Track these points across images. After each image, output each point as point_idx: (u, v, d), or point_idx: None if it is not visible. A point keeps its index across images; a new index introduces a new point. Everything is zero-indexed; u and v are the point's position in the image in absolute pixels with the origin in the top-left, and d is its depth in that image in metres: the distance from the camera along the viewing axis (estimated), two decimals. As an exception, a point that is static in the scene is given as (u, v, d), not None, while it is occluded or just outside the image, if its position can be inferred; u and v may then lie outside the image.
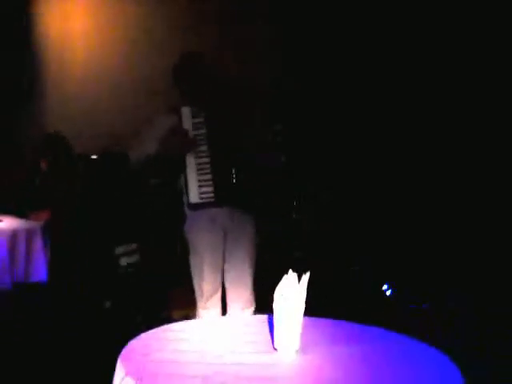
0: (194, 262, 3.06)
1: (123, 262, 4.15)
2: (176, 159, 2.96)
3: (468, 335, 3.20)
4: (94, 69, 5.73)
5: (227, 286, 3.09)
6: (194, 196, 2.89)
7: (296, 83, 4.00)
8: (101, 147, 5.14)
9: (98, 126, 5.42)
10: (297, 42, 4.40)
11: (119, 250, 4.16)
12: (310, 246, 4.04)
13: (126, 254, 4.21)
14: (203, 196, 2.89)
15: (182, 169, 2.94)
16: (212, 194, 2.89)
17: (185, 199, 3.02)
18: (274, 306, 1.67)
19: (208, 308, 3.04)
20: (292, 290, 1.64)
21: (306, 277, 1.66)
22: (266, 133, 3.20)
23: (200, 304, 3.06)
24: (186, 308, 3.20)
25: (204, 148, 2.91)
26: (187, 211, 3.06)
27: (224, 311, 3.12)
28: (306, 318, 1.67)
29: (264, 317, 1.97)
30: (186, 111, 2.92)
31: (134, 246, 4.29)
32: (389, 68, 4.02)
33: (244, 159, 2.94)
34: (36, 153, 3.99)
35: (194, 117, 2.92)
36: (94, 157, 5.08)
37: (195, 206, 2.93)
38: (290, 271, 1.67)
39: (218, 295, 3.06)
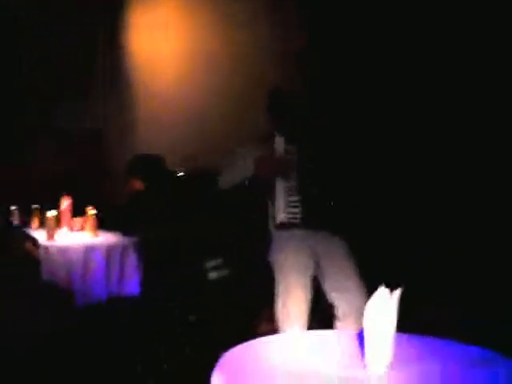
0: (279, 285, 3.03)
1: (212, 276, 4.23)
2: (267, 182, 3.04)
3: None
4: (183, 95, 5.87)
5: (335, 300, 3.02)
6: (281, 216, 2.96)
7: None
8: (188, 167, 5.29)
9: (186, 150, 5.57)
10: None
11: (208, 264, 4.25)
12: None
13: (215, 268, 4.29)
14: (290, 216, 2.95)
15: (271, 192, 3.02)
16: (299, 215, 2.95)
17: (271, 222, 3.09)
18: (365, 321, 1.68)
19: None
20: (384, 306, 1.65)
21: (397, 292, 1.67)
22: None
23: (282, 325, 3.00)
24: (274, 322, 3.22)
25: (293, 172, 2.99)
26: (274, 233, 3.11)
27: None
28: (399, 334, 1.68)
29: (353, 333, 1.98)
30: (279, 140, 3.00)
31: (221, 260, 4.37)
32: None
33: (332, 184, 3.00)
34: (129, 172, 4.14)
35: (287, 144, 2.99)
36: (181, 174, 5.24)
37: (282, 226, 2.98)
38: (382, 286, 1.68)
39: (302, 322, 2.99)
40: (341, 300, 3.00)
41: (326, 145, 3.09)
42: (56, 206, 4.26)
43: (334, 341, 2.01)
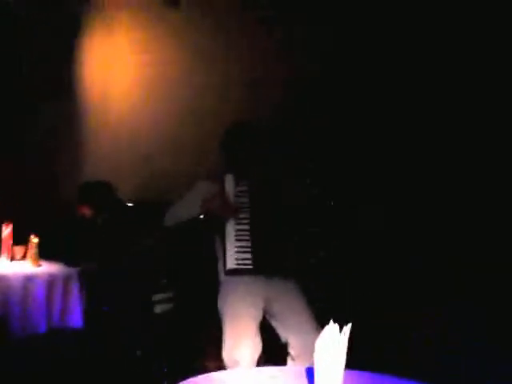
0: (226, 332, 2.90)
1: (158, 309, 4.14)
2: (215, 224, 3.01)
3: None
4: (137, 119, 5.82)
5: (290, 340, 2.93)
6: (231, 262, 2.90)
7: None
8: (137, 196, 5.21)
9: (137, 176, 5.50)
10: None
11: (155, 297, 4.16)
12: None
13: (161, 301, 4.20)
14: (240, 262, 2.90)
15: (220, 234, 2.99)
16: (250, 261, 2.90)
17: (220, 266, 3.05)
18: (315, 357, 1.65)
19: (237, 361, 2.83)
20: (334, 342, 1.62)
21: (347, 328, 1.64)
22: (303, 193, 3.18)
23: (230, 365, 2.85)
24: (220, 359, 3.16)
25: (244, 215, 2.95)
26: (222, 279, 3.06)
27: None
28: (347, 370, 1.65)
29: (302, 369, 1.94)
30: (229, 178, 2.98)
31: (169, 294, 4.28)
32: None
33: (284, 228, 2.97)
34: (78, 199, 4.04)
35: (237, 185, 2.97)
36: (130, 204, 5.14)
37: (232, 272, 2.92)
38: (331, 322, 1.65)
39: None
40: (295, 340, 2.92)
41: (276, 186, 3.06)
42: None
43: (284, 377, 1.96)
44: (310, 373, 1.75)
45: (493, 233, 3.62)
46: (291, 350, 2.94)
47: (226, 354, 2.82)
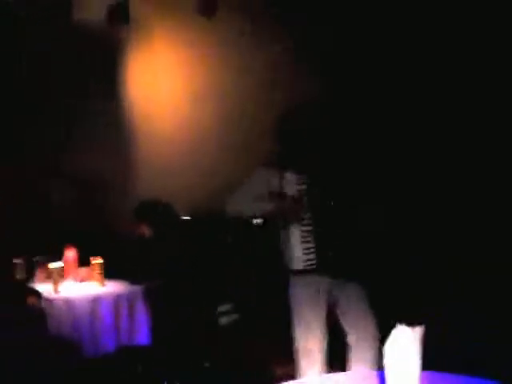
0: (297, 326, 3.03)
1: (223, 321, 4.14)
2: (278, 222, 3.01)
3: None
4: (183, 125, 5.85)
5: (349, 330, 3.02)
6: (297, 263, 2.94)
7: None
8: (192, 208, 5.24)
9: (192, 191, 5.52)
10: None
11: (219, 309, 4.16)
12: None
13: (226, 313, 4.20)
14: (306, 264, 2.92)
15: (285, 234, 2.98)
16: (314, 262, 2.90)
17: (287, 262, 3.03)
18: (386, 361, 1.59)
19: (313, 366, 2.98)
20: (405, 344, 1.56)
21: (419, 328, 1.58)
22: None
23: (303, 364, 3.00)
24: (288, 365, 3.15)
25: (307, 215, 2.92)
26: (290, 278, 3.07)
27: None
28: (423, 372, 1.59)
29: (373, 373, 1.89)
30: (290, 178, 2.93)
31: (231, 305, 4.28)
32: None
33: (344, 228, 2.93)
34: (137, 218, 4.08)
35: (298, 184, 2.92)
36: (186, 218, 5.18)
37: (298, 273, 2.96)
38: (401, 324, 1.60)
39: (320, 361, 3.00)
40: (353, 328, 2.98)
41: (340, 182, 2.98)
42: (60, 258, 4.18)
43: (356, 382, 1.91)
44: (381, 376, 1.70)
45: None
46: (350, 338, 2.99)
47: (297, 348, 3.00)
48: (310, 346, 2.98)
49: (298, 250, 2.92)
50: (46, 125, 5.82)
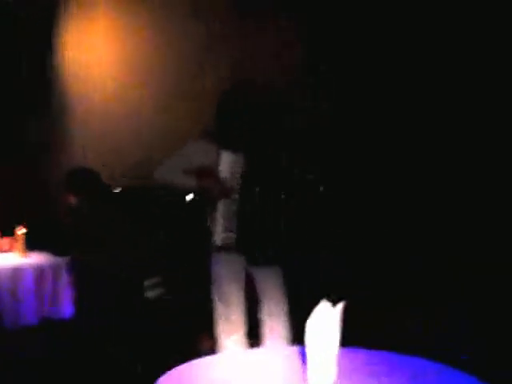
0: (219, 290, 3.09)
1: (149, 295, 4.11)
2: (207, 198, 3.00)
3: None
4: (119, 100, 5.74)
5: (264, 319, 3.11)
6: (218, 239, 2.96)
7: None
8: (124, 181, 5.16)
9: (123, 159, 5.44)
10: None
11: (146, 282, 4.13)
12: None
13: (151, 287, 4.18)
14: (227, 242, 2.94)
15: (211, 207, 2.98)
16: (234, 241, 2.93)
17: (211, 237, 3.05)
18: (307, 337, 1.62)
19: (232, 334, 3.05)
20: (326, 320, 1.58)
21: (340, 306, 1.61)
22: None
23: (223, 331, 3.07)
24: (212, 340, 3.18)
25: (235, 196, 2.92)
26: (213, 251, 3.09)
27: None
28: (343, 348, 1.62)
29: (295, 349, 1.91)
30: (226, 158, 2.91)
31: (157, 279, 4.26)
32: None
33: (272, 214, 2.95)
34: (65, 188, 3.97)
35: (232, 166, 2.91)
36: (117, 190, 5.09)
37: (219, 249, 2.99)
38: (324, 300, 1.62)
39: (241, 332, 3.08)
40: (267, 300, 3.08)
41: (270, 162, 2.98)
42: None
43: (276, 358, 1.94)
44: (302, 353, 1.72)
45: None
46: (264, 311, 3.09)
47: (218, 319, 3.06)
48: (230, 321, 3.04)
49: (220, 225, 2.94)
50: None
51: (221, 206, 2.94)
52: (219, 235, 2.95)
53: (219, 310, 3.08)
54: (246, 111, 2.99)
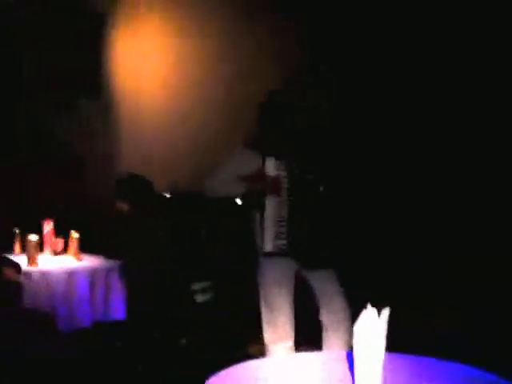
0: (265, 296, 3.09)
1: (199, 299, 4.17)
2: (254, 201, 3.03)
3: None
4: (171, 108, 5.82)
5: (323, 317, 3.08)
6: (269, 246, 2.96)
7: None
8: (174, 187, 5.23)
9: (173, 168, 5.52)
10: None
11: (195, 286, 4.19)
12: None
13: (202, 291, 4.23)
14: (278, 247, 2.95)
15: (260, 212, 3.00)
16: (285, 247, 2.94)
17: (259, 244, 3.07)
18: (354, 342, 1.63)
19: (280, 342, 3.04)
20: (373, 326, 1.60)
21: (386, 311, 1.62)
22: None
23: (271, 338, 3.07)
24: (262, 344, 3.20)
25: (284, 199, 2.95)
26: (261, 259, 3.11)
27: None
28: (388, 354, 1.63)
29: (342, 354, 1.93)
30: (270, 164, 2.95)
31: (208, 283, 4.31)
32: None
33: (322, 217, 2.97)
34: (116, 194, 4.06)
35: (277, 169, 2.95)
36: (167, 195, 5.18)
37: (269, 255, 2.99)
38: (369, 306, 1.64)
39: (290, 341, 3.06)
40: (327, 314, 3.04)
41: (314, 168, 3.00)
42: (38, 231, 4.17)
43: (323, 363, 1.95)
44: (349, 357, 1.74)
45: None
46: (324, 325, 3.05)
47: (264, 327, 3.06)
48: (277, 327, 3.03)
49: (270, 232, 2.94)
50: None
51: (270, 212, 2.96)
52: (270, 241, 2.95)
53: (266, 315, 3.07)
54: (287, 116, 3.03)
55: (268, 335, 3.07)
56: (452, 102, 3.78)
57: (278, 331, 3.03)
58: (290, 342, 3.06)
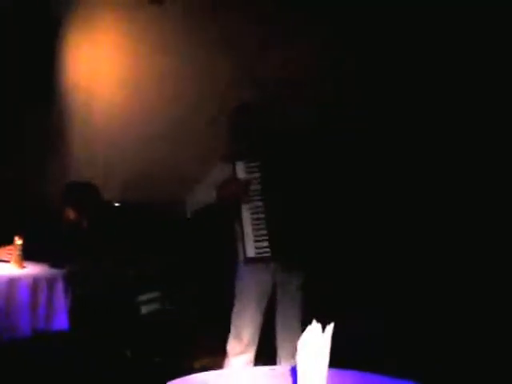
0: (237, 308, 3.12)
1: (144, 310, 4.10)
2: (231, 209, 3.04)
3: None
4: (121, 114, 5.75)
5: (277, 331, 3.15)
6: (250, 251, 2.96)
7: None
8: (125, 195, 5.16)
9: (126, 174, 5.44)
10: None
11: (141, 298, 4.12)
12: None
13: (147, 302, 4.17)
14: (259, 251, 2.96)
15: (238, 222, 3.02)
16: (267, 249, 2.95)
17: (240, 251, 3.08)
18: (298, 357, 1.62)
19: (242, 354, 3.08)
20: (316, 341, 1.59)
21: (330, 327, 1.62)
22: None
23: (234, 350, 3.09)
24: (207, 357, 3.19)
25: (259, 203, 2.97)
26: (240, 265, 3.13)
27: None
28: (331, 369, 1.62)
29: (287, 368, 1.91)
30: (240, 166, 2.98)
31: (156, 294, 4.25)
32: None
33: (296, 214, 2.99)
34: (63, 202, 3.98)
35: (248, 172, 2.98)
36: (116, 204, 5.10)
37: (251, 260, 3.00)
38: (314, 321, 1.63)
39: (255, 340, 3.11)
40: (285, 341, 3.10)
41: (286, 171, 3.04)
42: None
43: (267, 377, 1.93)
44: (293, 373, 1.72)
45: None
46: (281, 351, 3.12)
47: (229, 345, 3.10)
48: (242, 341, 3.08)
49: (251, 237, 2.96)
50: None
51: (247, 217, 2.97)
52: (251, 246, 2.95)
53: (234, 329, 3.10)
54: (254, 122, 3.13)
55: (231, 347, 3.10)
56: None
57: (242, 344, 3.06)
58: (251, 355, 3.09)
